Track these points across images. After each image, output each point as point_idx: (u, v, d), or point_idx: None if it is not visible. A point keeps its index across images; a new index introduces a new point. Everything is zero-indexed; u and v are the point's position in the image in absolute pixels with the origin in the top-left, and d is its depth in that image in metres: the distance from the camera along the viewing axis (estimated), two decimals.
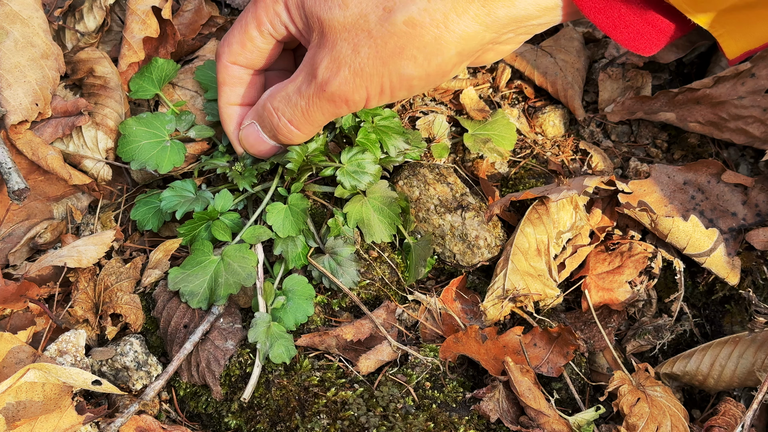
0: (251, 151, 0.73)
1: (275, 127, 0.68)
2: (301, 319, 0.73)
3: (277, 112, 0.66)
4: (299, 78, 0.64)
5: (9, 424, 0.61)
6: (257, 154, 0.73)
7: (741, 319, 0.78)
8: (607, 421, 0.71)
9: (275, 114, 0.67)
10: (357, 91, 0.61)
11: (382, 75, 0.59)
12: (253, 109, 0.71)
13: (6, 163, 0.74)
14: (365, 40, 0.58)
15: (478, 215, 0.79)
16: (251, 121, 0.70)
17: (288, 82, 0.65)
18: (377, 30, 0.57)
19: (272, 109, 0.67)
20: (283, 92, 0.65)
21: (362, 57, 0.58)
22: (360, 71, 0.59)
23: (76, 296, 0.74)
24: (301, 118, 0.65)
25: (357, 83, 0.60)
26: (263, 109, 0.68)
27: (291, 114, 0.66)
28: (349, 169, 0.76)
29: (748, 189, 0.80)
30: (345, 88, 0.60)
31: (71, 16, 0.88)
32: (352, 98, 0.61)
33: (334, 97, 0.62)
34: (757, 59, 0.81)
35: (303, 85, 0.63)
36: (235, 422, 0.71)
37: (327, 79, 0.61)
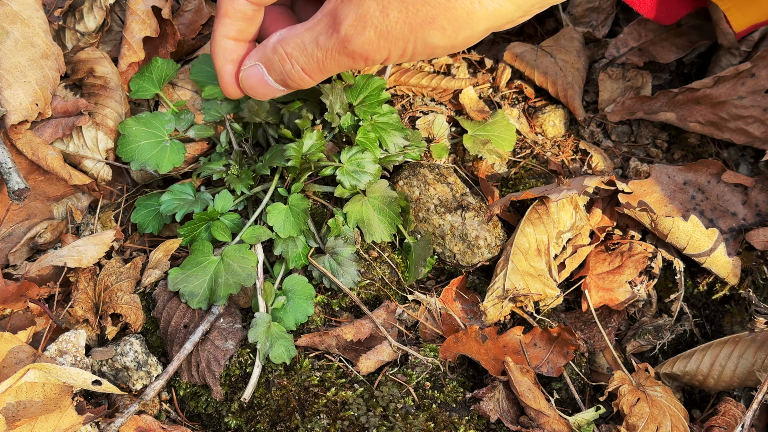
0: (251, 93, 0.70)
1: (286, 72, 0.66)
2: (301, 318, 0.73)
3: (291, 58, 0.65)
4: (318, 28, 0.63)
5: (9, 424, 0.61)
6: (256, 96, 0.70)
7: (741, 319, 0.78)
8: (607, 421, 0.71)
9: (288, 60, 0.65)
10: (379, 51, 0.61)
11: (407, 40, 0.60)
12: (257, 51, 0.68)
13: (6, 163, 0.74)
14: (396, 3, 0.58)
15: (478, 215, 0.79)
16: (255, 62, 0.68)
17: (303, 29, 0.64)
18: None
19: (285, 55, 0.65)
20: (298, 39, 0.64)
21: (390, 20, 0.59)
22: (386, 33, 0.60)
23: (76, 296, 0.74)
24: (315, 68, 0.65)
25: (381, 44, 0.60)
26: (273, 53, 0.66)
27: (305, 62, 0.65)
28: (349, 168, 0.76)
29: (748, 189, 0.80)
30: (368, 47, 0.61)
31: (71, 16, 0.88)
32: (372, 57, 0.62)
33: (354, 54, 0.62)
34: (757, 59, 0.81)
35: (321, 37, 0.63)
36: (235, 422, 0.71)
37: (350, 36, 0.61)
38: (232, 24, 0.68)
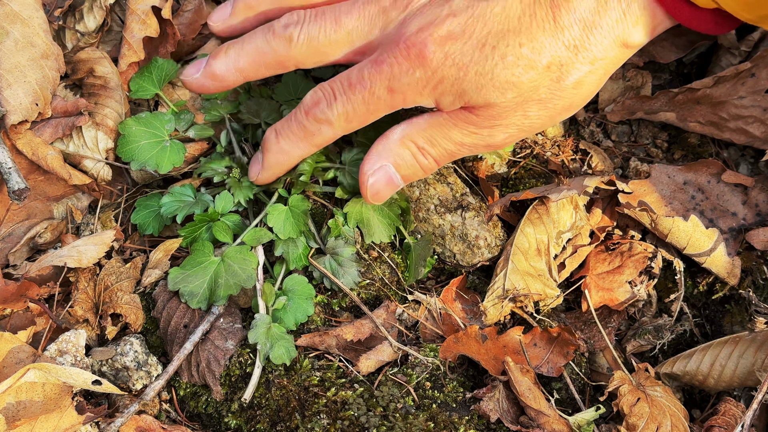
0: (375, 198, 0.69)
1: (420, 165, 0.67)
2: (302, 318, 0.73)
3: (424, 151, 0.66)
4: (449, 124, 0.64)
5: (9, 424, 0.61)
6: (377, 200, 0.70)
7: (741, 319, 0.78)
8: (607, 421, 0.71)
9: (421, 152, 0.66)
10: (515, 139, 0.65)
11: (544, 125, 0.64)
12: (380, 154, 0.67)
13: (6, 163, 0.74)
14: (535, 105, 0.62)
15: (479, 215, 0.79)
16: (384, 164, 0.67)
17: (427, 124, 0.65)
18: (547, 96, 0.61)
19: (418, 148, 0.66)
20: (427, 134, 0.65)
21: (531, 119, 0.63)
22: (527, 128, 0.64)
23: (76, 296, 0.74)
24: (447, 157, 0.67)
25: (519, 135, 0.65)
26: (403, 147, 0.66)
27: (438, 154, 0.67)
28: (349, 169, 0.76)
29: (748, 189, 0.80)
30: (507, 140, 0.65)
31: (71, 16, 0.88)
32: (507, 144, 0.67)
33: (492, 147, 0.66)
34: (757, 59, 0.81)
35: (455, 132, 0.64)
36: (236, 422, 0.71)
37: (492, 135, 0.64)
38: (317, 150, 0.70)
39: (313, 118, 0.65)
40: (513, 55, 0.58)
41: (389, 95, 0.62)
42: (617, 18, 0.58)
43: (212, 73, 0.70)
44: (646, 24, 0.59)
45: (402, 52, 0.60)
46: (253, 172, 0.73)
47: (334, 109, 0.64)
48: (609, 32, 0.59)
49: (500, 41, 0.59)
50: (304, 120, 0.65)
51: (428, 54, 0.59)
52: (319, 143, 0.67)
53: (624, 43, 0.60)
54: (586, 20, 0.58)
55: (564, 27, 0.58)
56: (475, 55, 0.59)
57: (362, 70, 0.63)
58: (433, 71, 0.60)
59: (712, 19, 0.59)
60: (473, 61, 0.59)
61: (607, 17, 0.58)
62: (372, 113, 0.64)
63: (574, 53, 0.59)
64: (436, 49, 0.59)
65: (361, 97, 0.63)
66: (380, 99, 0.62)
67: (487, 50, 0.59)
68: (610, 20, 0.58)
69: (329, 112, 0.64)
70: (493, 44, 0.59)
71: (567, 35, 0.58)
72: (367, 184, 0.68)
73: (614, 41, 0.59)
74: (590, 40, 0.59)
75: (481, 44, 0.59)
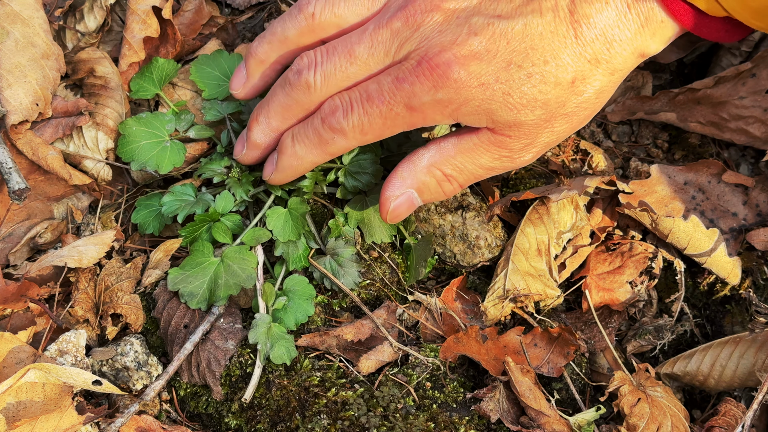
0: (394, 221, 0.70)
1: (444, 191, 0.68)
2: (302, 319, 0.73)
3: (450, 178, 0.66)
4: (479, 153, 0.64)
5: (9, 424, 0.61)
6: (396, 220, 0.70)
7: (741, 319, 0.78)
8: (608, 421, 0.71)
9: (448, 180, 0.67)
10: (538, 156, 0.66)
11: (566, 136, 0.65)
12: (404, 179, 0.67)
13: (6, 163, 0.74)
14: (561, 120, 0.62)
15: (479, 215, 0.79)
16: (407, 190, 0.67)
17: (455, 150, 0.65)
18: (572, 110, 0.62)
19: (444, 176, 0.66)
20: (456, 161, 0.65)
21: (557, 133, 0.63)
22: (551, 144, 0.65)
23: (76, 296, 0.74)
24: (471, 181, 0.68)
25: (543, 151, 0.65)
26: (429, 176, 0.66)
27: (464, 180, 0.67)
28: (350, 169, 0.76)
29: (748, 189, 0.80)
30: (533, 159, 0.66)
31: (72, 16, 0.88)
32: (531, 161, 0.67)
33: (518, 166, 0.66)
34: (757, 59, 0.81)
35: (485, 158, 0.64)
36: (236, 422, 0.71)
37: (521, 156, 0.65)
38: (329, 158, 0.69)
39: (328, 126, 0.64)
40: (539, 73, 0.58)
41: (408, 113, 0.61)
42: (636, 30, 0.59)
43: (255, 144, 0.71)
44: (663, 35, 0.60)
45: (425, 72, 0.59)
46: (266, 172, 0.73)
47: (350, 120, 0.63)
48: (628, 44, 0.59)
49: (525, 60, 0.58)
50: (319, 127, 0.65)
51: (452, 74, 0.58)
52: (333, 152, 0.67)
53: (641, 53, 0.61)
54: (606, 34, 0.58)
55: (586, 42, 0.58)
56: (501, 75, 0.59)
57: (382, 85, 0.62)
58: (457, 92, 0.59)
59: (722, 27, 0.60)
60: (500, 81, 0.59)
61: (626, 30, 0.58)
62: (388, 128, 0.63)
63: (596, 66, 0.59)
64: (460, 69, 0.58)
65: (378, 111, 0.62)
66: (398, 116, 0.62)
67: (513, 69, 0.58)
68: (630, 33, 0.59)
69: (344, 123, 0.63)
70: (518, 63, 0.58)
71: (589, 50, 0.59)
72: (389, 207, 0.68)
73: (632, 52, 0.60)
74: (610, 53, 0.59)
75: (506, 63, 0.58)
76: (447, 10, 0.61)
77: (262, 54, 0.72)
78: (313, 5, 0.68)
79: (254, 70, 0.73)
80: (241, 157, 0.74)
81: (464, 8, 0.61)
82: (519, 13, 0.59)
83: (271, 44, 0.71)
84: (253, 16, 0.99)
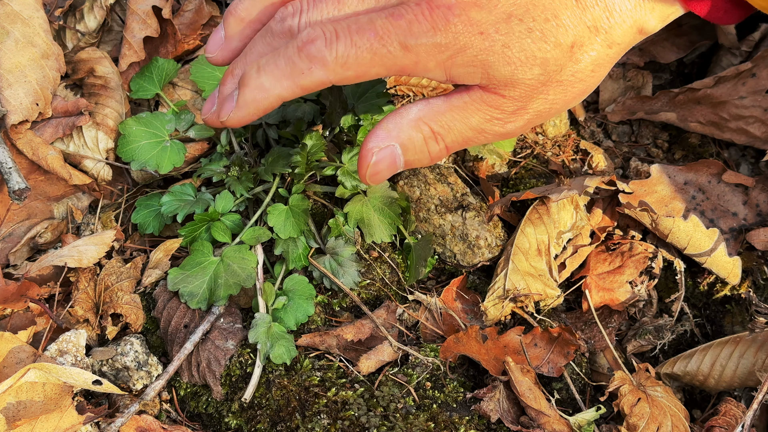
0: (374, 178, 0.63)
1: (430, 151, 0.63)
2: (302, 318, 0.73)
3: (438, 135, 0.62)
4: (470, 111, 0.61)
5: (9, 424, 0.61)
6: (375, 181, 0.64)
7: (742, 319, 0.78)
8: (608, 421, 0.71)
9: (435, 138, 0.62)
10: (528, 127, 0.63)
11: (558, 111, 0.63)
12: (392, 131, 0.62)
13: (6, 163, 0.74)
14: (556, 87, 0.60)
15: (479, 215, 0.79)
16: (391, 143, 0.62)
17: (446, 107, 0.61)
18: (568, 78, 0.60)
19: (433, 133, 0.62)
20: (444, 118, 0.62)
21: (550, 102, 0.61)
22: (545, 113, 0.62)
23: (76, 296, 0.74)
24: (460, 145, 0.63)
25: (534, 122, 0.63)
26: (417, 131, 0.62)
27: (452, 141, 0.62)
28: (350, 168, 0.76)
29: (748, 189, 0.80)
30: (524, 127, 0.63)
31: (72, 16, 0.88)
32: (519, 133, 0.64)
33: (508, 134, 0.63)
34: (757, 59, 0.81)
35: (475, 119, 0.61)
36: (236, 422, 0.71)
37: (512, 121, 0.62)
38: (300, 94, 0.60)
39: (306, 54, 0.56)
40: (539, 30, 0.57)
41: (401, 52, 0.56)
42: (636, 2, 0.58)
43: (226, 97, 0.62)
44: (662, 11, 0.59)
45: (425, 12, 0.55)
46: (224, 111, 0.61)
47: (334, 49, 0.56)
48: (628, 16, 0.58)
49: (526, 14, 0.56)
50: (294, 55, 0.57)
51: (453, 18, 0.55)
52: (305, 85, 0.58)
53: (640, 28, 0.59)
54: (606, 2, 0.57)
55: (586, 6, 0.57)
56: (501, 26, 0.56)
57: (374, 19, 0.56)
58: (455, 37, 0.56)
59: (722, 5, 0.59)
60: (500, 32, 0.56)
61: (626, 1, 0.58)
62: (374, 66, 0.57)
63: (595, 34, 0.58)
64: (462, 13, 0.55)
65: (368, 44, 0.56)
66: (389, 54, 0.57)
67: (514, 22, 0.56)
68: (630, 4, 0.58)
69: (326, 51, 0.56)
70: (519, 16, 0.56)
71: (589, 15, 0.57)
72: (369, 161, 0.62)
73: (632, 26, 0.59)
74: (610, 23, 0.58)
75: (507, 15, 0.56)
76: None
77: (242, 11, 0.63)
78: None
79: (233, 29, 0.64)
80: (209, 116, 0.63)
81: None
82: None
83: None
84: None
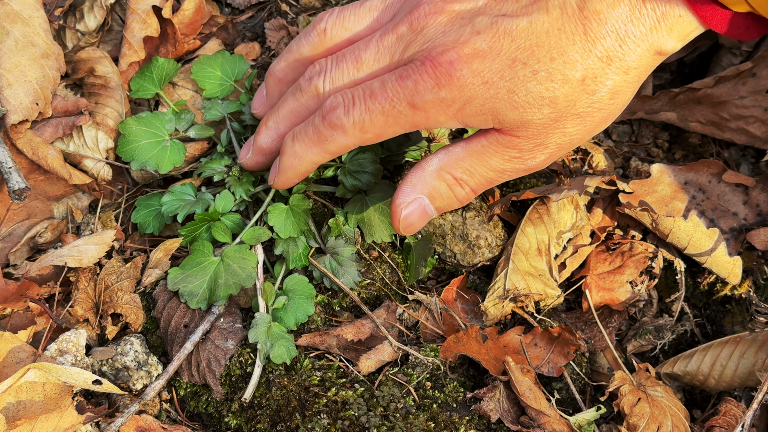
0: (408, 230, 0.68)
1: (457, 197, 0.66)
2: (302, 318, 0.73)
3: (462, 182, 0.65)
4: (489, 155, 0.63)
5: (9, 424, 0.61)
6: (410, 232, 0.68)
7: (742, 319, 0.78)
8: (608, 421, 0.71)
9: (459, 184, 0.65)
10: (553, 158, 0.64)
11: (582, 140, 0.63)
12: (417, 185, 0.66)
13: (6, 163, 0.74)
14: (573, 120, 0.60)
15: (479, 215, 0.79)
16: (418, 196, 0.66)
17: (465, 153, 0.64)
18: (584, 110, 0.60)
19: (455, 180, 0.65)
20: (465, 164, 0.64)
21: (570, 135, 0.62)
22: (566, 145, 0.63)
23: (76, 296, 0.74)
24: (485, 186, 0.66)
25: (558, 153, 0.63)
26: (439, 180, 0.65)
27: (476, 184, 0.65)
28: (350, 168, 0.76)
29: (749, 189, 0.80)
30: (547, 161, 0.64)
31: (72, 16, 0.88)
32: (546, 165, 0.65)
33: (531, 169, 0.65)
34: (758, 59, 0.81)
35: (495, 161, 0.63)
36: (236, 422, 0.71)
37: (533, 157, 0.63)
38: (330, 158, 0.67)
39: (328, 123, 0.64)
40: (545, 70, 0.57)
41: (411, 111, 0.61)
42: (651, 26, 0.57)
43: (260, 148, 0.72)
44: (681, 31, 0.58)
45: (428, 70, 0.59)
46: (270, 177, 0.73)
47: (351, 116, 0.62)
48: (643, 41, 0.58)
49: (530, 57, 0.57)
50: (320, 124, 0.64)
51: (456, 73, 0.58)
52: (332, 150, 0.66)
53: (658, 50, 0.59)
54: (618, 30, 0.57)
55: (596, 39, 0.57)
56: (506, 73, 0.58)
57: (385, 83, 0.61)
58: (460, 90, 0.59)
59: (743, 23, 0.58)
60: (504, 79, 0.58)
61: (640, 26, 0.57)
62: (390, 126, 0.62)
63: (608, 64, 0.58)
64: (464, 67, 0.58)
65: (380, 107, 0.61)
66: (401, 114, 0.61)
67: (518, 67, 0.58)
68: (644, 28, 0.57)
69: (345, 119, 0.62)
70: (523, 60, 0.57)
71: (599, 47, 0.57)
72: (400, 216, 0.66)
73: (648, 49, 0.58)
74: (623, 50, 0.57)
75: (510, 61, 0.58)
76: (452, 12, 0.61)
77: (279, 72, 0.74)
78: (325, 21, 0.70)
79: (273, 88, 0.76)
80: (246, 161, 0.75)
81: (469, 9, 0.60)
82: (524, 12, 0.58)
83: (287, 62, 0.73)
84: (253, 15, 0.99)
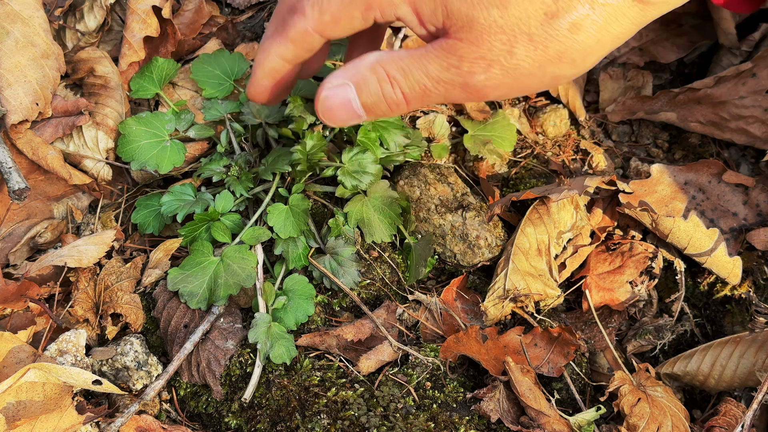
0: (326, 116, 0.65)
1: (384, 94, 0.63)
2: (302, 318, 0.73)
3: (393, 80, 0.62)
4: (428, 57, 0.60)
5: (9, 424, 0.61)
6: (331, 121, 0.65)
7: (742, 319, 0.78)
8: (608, 421, 0.71)
9: (389, 81, 0.62)
10: (499, 88, 0.60)
11: (534, 77, 0.59)
12: (346, 71, 0.63)
13: (6, 163, 0.74)
14: (524, 42, 0.57)
15: (479, 215, 0.79)
16: (344, 81, 0.63)
17: (406, 55, 0.61)
18: (538, 34, 0.56)
19: (386, 75, 0.62)
20: (402, 63, 0.61)
21: (518, 58, 0.58)
22: (512, 71, 0.58)
23: (76, 296, 0.74)
24: (418, 95, 0.62)
25: (504, 81, 0.59)
26: (371, 72, 0.62)
27: (409, 88, 0.62)
28: (349, 168, 0.76)
29: (749, 189, 0.80)
30: (488, 83, 0.60)
31: (72, 16, 0.88)
32: (490, 93, 0.61)
33: (470, 89, 0.60)
34: (758, 59, 0.81)
35: (433, 66, 0.60)
36: (236, 422, 0.71)
37: (472, 72, 0.59)
38: (294, 50, 0.65)
39: (288, 6, 0.62)
40: None
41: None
42: None
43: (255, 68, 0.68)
44: None
45: None
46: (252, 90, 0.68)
47: None
48: None
49: None
50: (282, 10, 0.63)
51: None
52: (293, 37, 0.63)
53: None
54: None
55: None
56: None
57: None
58: None
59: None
60: None
61: None
62: (345, 8, 0.60)
63: None
64: None
65: None
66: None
67: None
68: None
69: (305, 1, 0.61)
70: None
71: None
72: (320, 95, 0.64)
73: None
74: None
75: None
76: None
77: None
78: None
79: None
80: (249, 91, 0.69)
81: None
82: None
83: None
84: (253, 15, 0.99)
